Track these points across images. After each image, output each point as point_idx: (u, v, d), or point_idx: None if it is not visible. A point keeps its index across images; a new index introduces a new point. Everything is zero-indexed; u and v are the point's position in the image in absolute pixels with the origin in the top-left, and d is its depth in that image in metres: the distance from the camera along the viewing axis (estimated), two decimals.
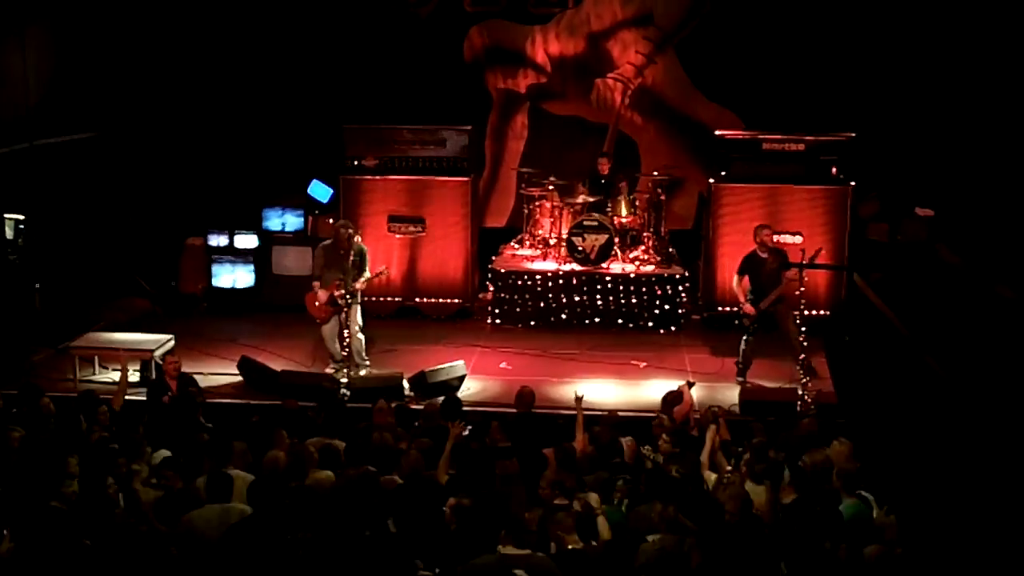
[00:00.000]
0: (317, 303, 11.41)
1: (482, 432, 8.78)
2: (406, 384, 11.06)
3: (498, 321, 13.57)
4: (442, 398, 9.94)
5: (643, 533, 6.59)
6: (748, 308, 11.28)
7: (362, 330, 11.64)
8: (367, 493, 6.92)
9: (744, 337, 11.41)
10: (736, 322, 11.58)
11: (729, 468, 7.85)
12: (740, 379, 11.38)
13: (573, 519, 6.72)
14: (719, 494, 7.06)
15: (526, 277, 13.55)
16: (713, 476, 7.82)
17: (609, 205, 13.74)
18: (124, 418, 8.93)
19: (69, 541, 6.18)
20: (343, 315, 11.30)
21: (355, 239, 11.41)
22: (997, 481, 5.24)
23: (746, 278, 11.44)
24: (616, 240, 13.45)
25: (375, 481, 7.12)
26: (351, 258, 11.30)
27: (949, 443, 5.69)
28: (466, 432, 8.61)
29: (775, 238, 11.85)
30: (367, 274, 11.50)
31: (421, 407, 9.91)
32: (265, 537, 6.39)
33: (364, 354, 11.66)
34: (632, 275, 13.45)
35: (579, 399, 9.22)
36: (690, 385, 9.91)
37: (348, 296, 11.22)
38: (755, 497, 7.03)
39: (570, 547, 6.51)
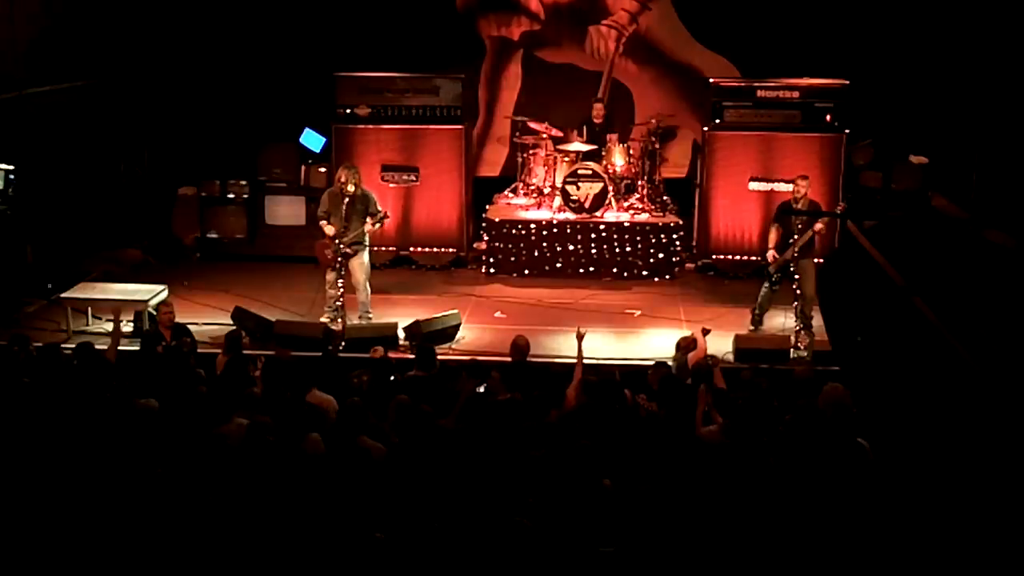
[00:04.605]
0: (326, 245, 11.36)
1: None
2: (401, 333, 11.08)
3: (492, 270, 13.55)
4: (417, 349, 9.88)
5: None
6: (770, 255, 11.16)
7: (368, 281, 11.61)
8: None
9: (764, 285, 11.33)
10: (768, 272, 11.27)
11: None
12: (753, 328, 11.35)
13: None
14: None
15: (520, 226, 13.51)
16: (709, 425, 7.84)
17: (603, 153, 13.69)
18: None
19: None
20: (345, 262, 11.32)
21: (349, 187, 11.31)
22: (992, 427, 5.27)
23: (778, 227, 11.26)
24: (610, 189, 13.40)
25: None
26: (344, 205, 11.26)
27: (944, 390, 5.71)
28: (480, 389, 8.62)
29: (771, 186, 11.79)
30: (369, 220, 11.43)
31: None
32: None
33: (369, 306, 11.64)
34: (626, 224, 13.42)
35: (581, 336, 9.21)
36: (705, 332, 9.78)
37: (343, 244, 11.21)
38: None
39: None
